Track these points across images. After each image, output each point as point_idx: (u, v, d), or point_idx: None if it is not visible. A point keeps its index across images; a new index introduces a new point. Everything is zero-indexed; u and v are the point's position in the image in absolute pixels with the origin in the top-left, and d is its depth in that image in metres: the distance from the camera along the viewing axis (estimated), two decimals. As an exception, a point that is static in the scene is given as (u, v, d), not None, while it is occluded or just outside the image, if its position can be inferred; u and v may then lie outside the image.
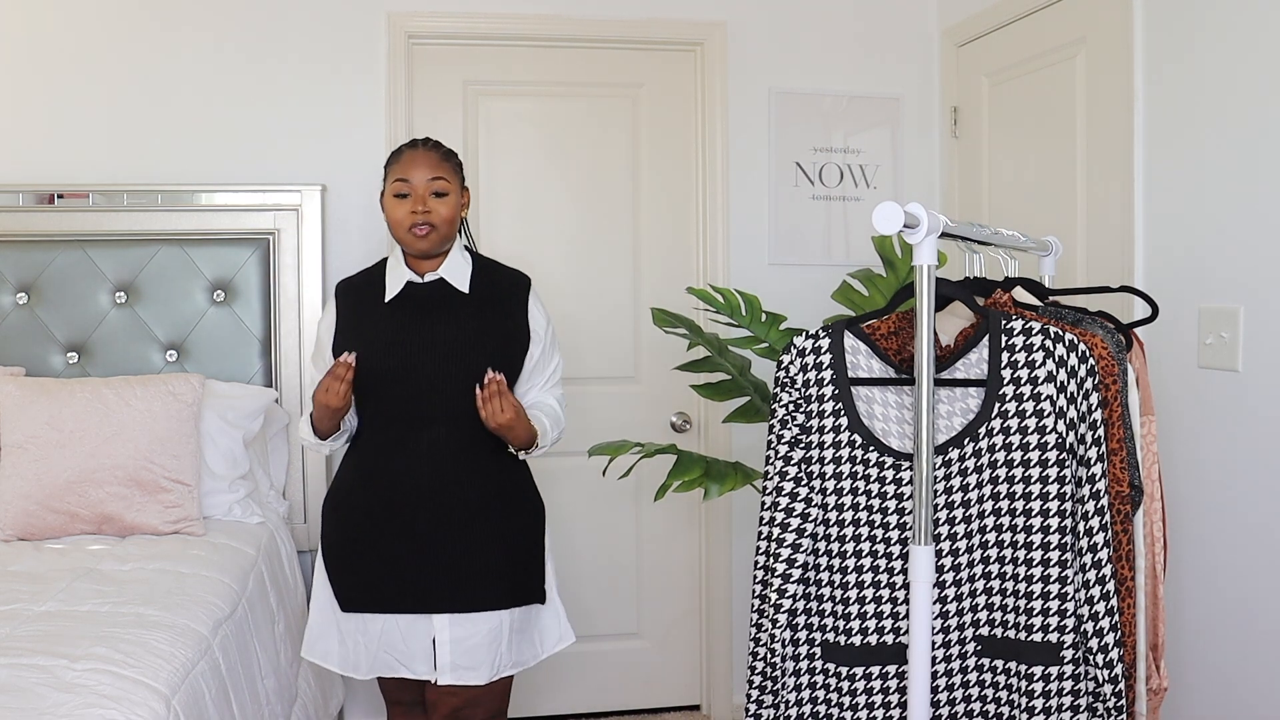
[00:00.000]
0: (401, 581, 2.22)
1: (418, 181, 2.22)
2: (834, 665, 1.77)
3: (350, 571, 2.26)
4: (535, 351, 2.32)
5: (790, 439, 1.79)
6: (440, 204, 2.23)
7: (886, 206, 1.53)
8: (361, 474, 2.28)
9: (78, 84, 3.16)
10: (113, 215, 3.09)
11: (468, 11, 3.32)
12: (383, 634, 2.25)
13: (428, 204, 2.22)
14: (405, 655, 2.25)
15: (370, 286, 2.31)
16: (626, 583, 3.50)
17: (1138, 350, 2.01)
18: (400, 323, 2.24)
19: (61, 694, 1.68)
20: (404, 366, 2.21)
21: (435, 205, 2.23)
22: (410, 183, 2.22)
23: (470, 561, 2.22)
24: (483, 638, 2.22)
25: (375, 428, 2.28)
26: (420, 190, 2.22)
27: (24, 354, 3.03)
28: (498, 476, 2.28)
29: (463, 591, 2.22)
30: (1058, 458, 1.67)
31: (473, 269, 2.31)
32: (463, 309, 2.26)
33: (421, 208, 2.21)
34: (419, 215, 2.21)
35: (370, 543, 2.24)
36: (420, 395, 2.22)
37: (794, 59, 3.48)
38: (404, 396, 2.22)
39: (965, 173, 3.41)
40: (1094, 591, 1.67)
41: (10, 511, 2.60)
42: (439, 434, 2.22)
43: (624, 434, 3.16)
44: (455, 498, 2.23)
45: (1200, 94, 2.42)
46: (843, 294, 2.91)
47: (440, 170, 2.24)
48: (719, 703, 3.50)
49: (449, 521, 2.22)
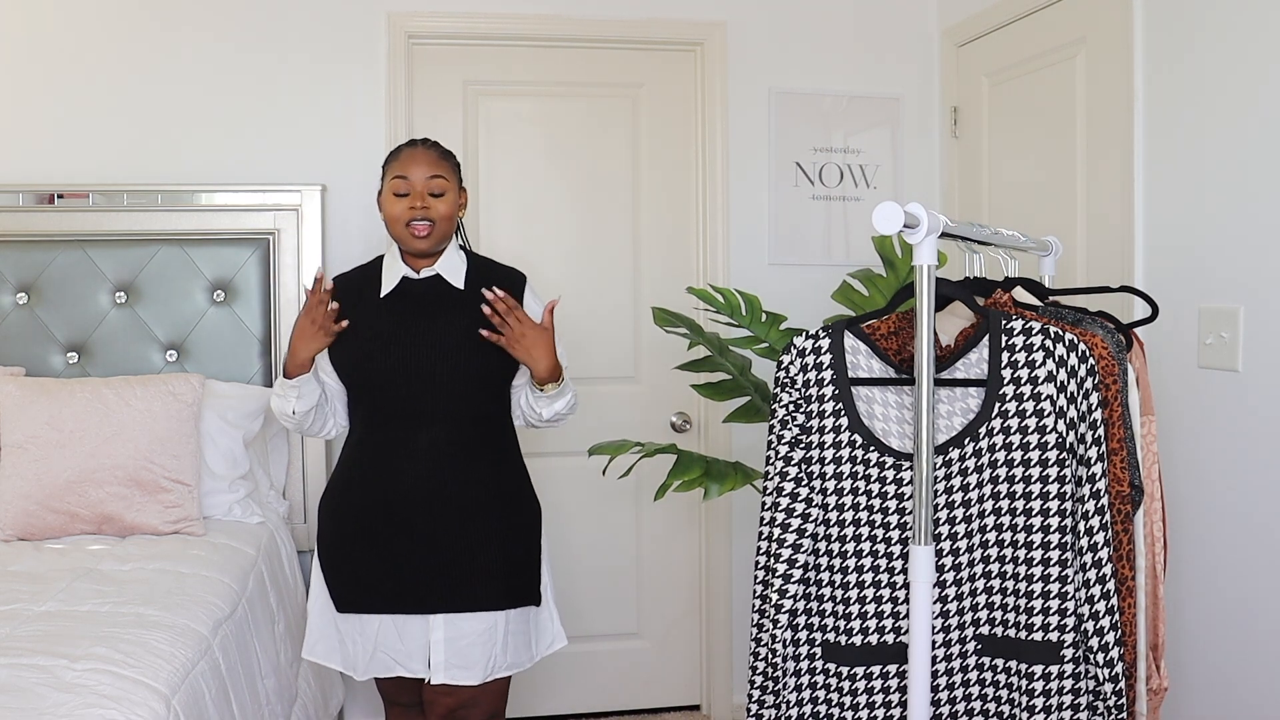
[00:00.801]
0: (397, 582, 2.22)
1: (416, 179, 2.23)
2: (834, 665, 1.78)
3: (346, 571, 2.26)
4: None
5: (790, 439, 1.79)
6: (438, 202, 2.24)
7: (886, 206, 1.53)
8: (357, 473, 2.28)
9: (78, 84, 3.16)
10: (113, 215, 3.09)
11: (468, 11, 3.32)
12: (379, 633, 2.25)
13: (426, 201, 2.23)
14: (401, 654, 2.25)
15: (366, 282, 2.31)
16: (626, 583, 3.50)
17: (1138, 350, 2.01)
18: (396, 319, 2.25)
19: (61, 694, 1.68)
20: (401, 363, 2.21)
21: (434, 203, 2.23)
22: (409, 180, 2.23)
23: (467, 562, 2.22)
24: (477, 638, 2.22)
25: (371, 426, 2.28)
26: (419, 188, 2.23)
27: (24, 354, 3.03)
28: (496, 477, 2.29)
29: (459, 592, 2.21)
30: (1058, 457, 1.67)
31: (468, 266, 2.32)
32: (458, 306, 2.26)
33: (420, 204, 2.22)
34: (417, 212, 2.22)
35: (367, 543, 2.24)
36: (417, 392, 2.22)
37: (794, 59, 3.48)
38: (400, 394, 2.22)
39: (965, 173, 3.41)
40: (1094, 590, 1.67)
41: (10, 511, 2.60)
42: (436, 433, 2.22)
43: (624, 434, 3.16)
44: (453, 498, 2.23)
45: (1200, 94, 2.42)
46: (843, 294, 2.91)
47: (439, 169, 2.25)
48: (719, 703, 3.50)
49: (446, 522, 2.22)
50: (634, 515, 3.48)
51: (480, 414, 2.28)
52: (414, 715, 2.42)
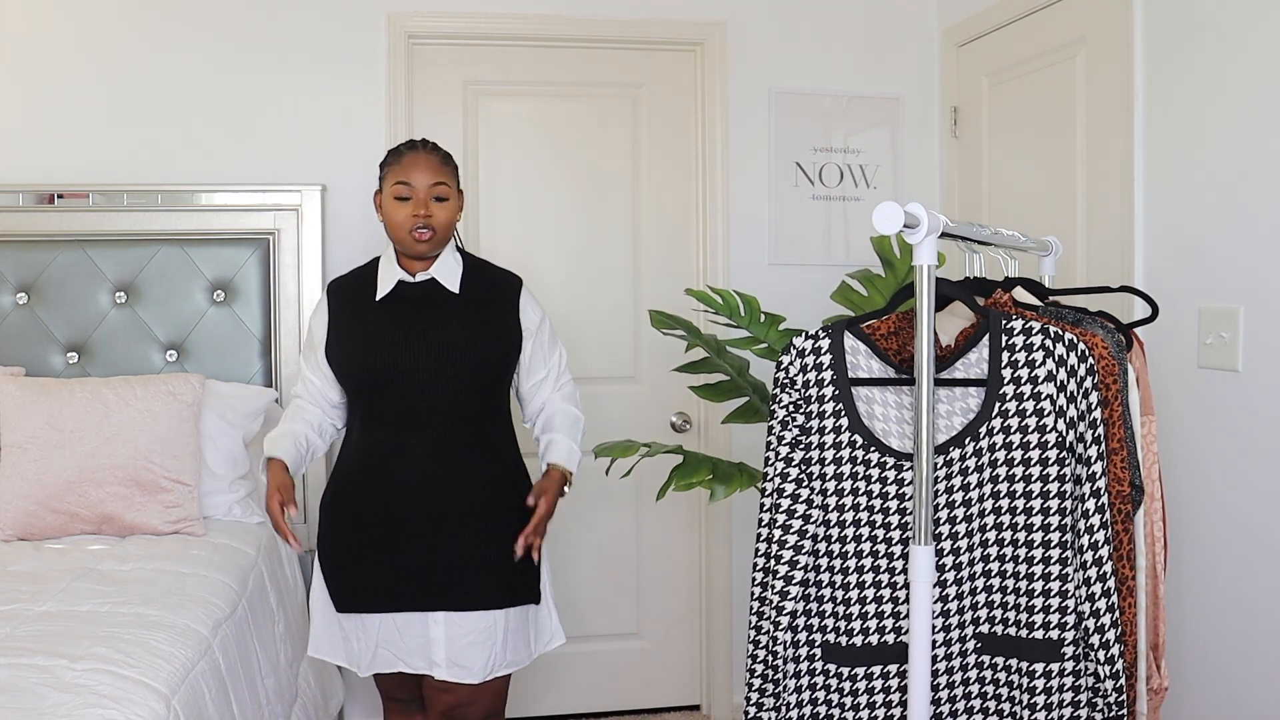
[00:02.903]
0: (397, 581, 2.23)
1: (420, 186, 2.23)
2: (834, 665, 1.77)
3: (346, 572, 2.27)
4: (529, 348, 2.35)
5: (790, 439, 1.79)
6: (440, 208, 2.25)
7: (886, 206, 1.53)
8: (356, 475, 2.28)
9: (78, 83, 3.16)
10: (113, 215, 3.09)
11: (468, 11, 3.32)
12: (380, 630, 2.26)
13: (430, 209, 2.23)
14: (403, 651, 2.26)
15: (362, 285, 2.32)
16: (626, 583, 3.49)
17: (1138, 350, 2.01)
18: (392, 322, 2.26)
19: (61, 694, 1.68)
20: (398, 367, 2.22)
21: (436, 209, 2.24)
22: (412, 186, 2.23)
23: (466, 562, 2.23)
24: (477, 636, 2.23)
25: (368, 429, 2.28)
26: (422, 194, 2.23)
27: (24, 354, 3.03)
28: (493, 477, 2.30)
29: (458, 590, 2.22)
30: (1058, 457, 1.67)
31: (464, 269, 2.33)
32: (454, 309, 2.27)
33: (424, 212, 2.22)
34: (421, 219, 2.22)
35: (366, 543, 2.25)
36: (413, 395, 2.23)
37: (794, 59, 3.48)
38: (397, 397, 2.23)
39: (965, 173, 3.41)
40: (1095, 589, 1.67)
41: (10, 511, 2.60)
42: (433, 434, 2.24)
43: (623, 434, 3.15)
44: (451, 498, 2.24)
45: (1200, 94, 2.42)
46: (842, 294, 2.90)
47: (442, 175, 2.26)
48: (719, 703, 3.50)
49: (444, 522, 2.23)
50: (634, 515, 3.48)
51: (476, 415, 2.29)
52: (413, 712, 2.43)
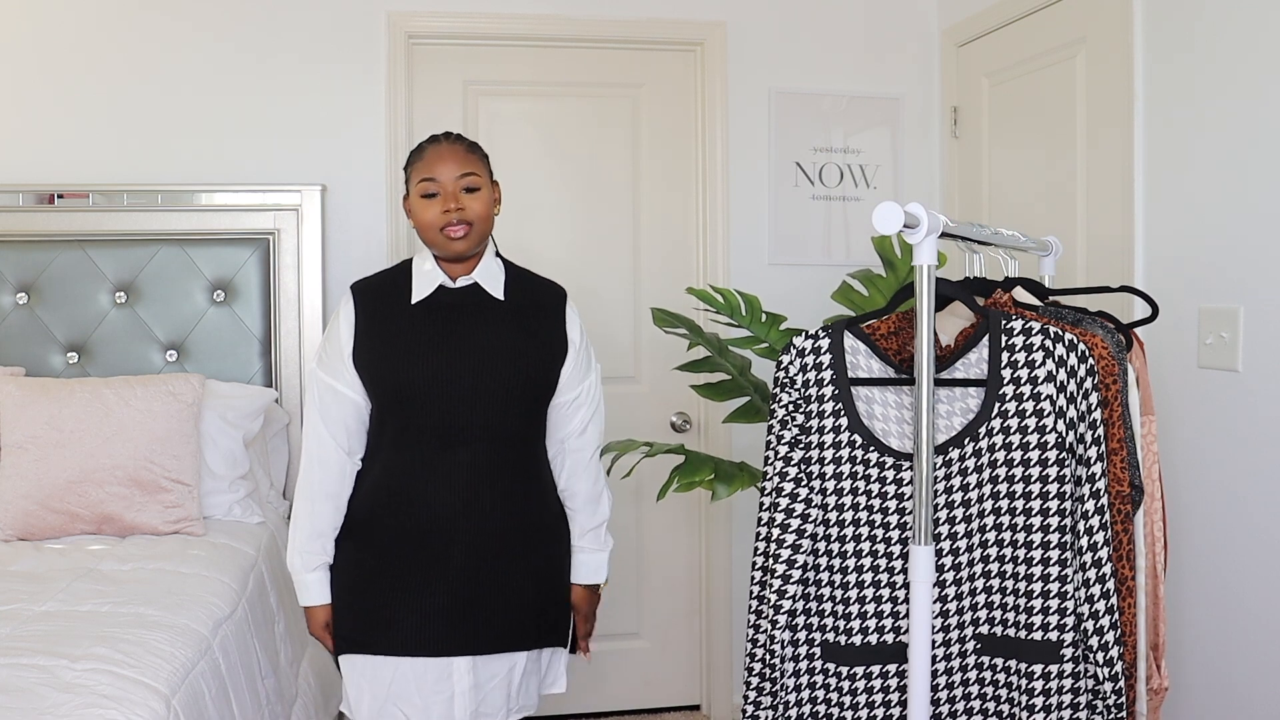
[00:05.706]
0: (425, 621, 2.01)
1: (446, 179, 2.02)
2: (834, 665, 1.77)
3: (359, 608, 2.05)
4: (570, 363, 2.15)
5: (790, 439, 1.79)
6: (473, 199, 2.03)
7: (886, 206, 1.53)
8: (383, 497, 2.06)
9: (78, 83, 3.16)
10: (113, 215, 3.09)
11: (468, 11, 3.33)
12: (394, 682, 2.04)
13: (460, 201, 2.02)
14: (415, 708, 2.04)
15: (394, 289, 2.09)
16: (626, 583, 3.49)
17: (1138, 350, 2.01)
18: (431, 330, 2.04)
19: (61, 694, 1.68)
20: (437, 377, 2.01)
21: (468, 201, 2.03)
22: (438, 181, 2.02)
23: (501, 597, 2.05)
24: (500, 681, 2.08)
25: (400, 446, 2.05)
26: (450, 188, 2.02)
27: (24, 354, 3.03)
28: (533, 504, 2.12)
29: (491, 630, 2.04)
30: (1058, 457, 1.67)
31: (506, 276, 2.14)
32: (498, 317, 2.08)
33: (454, 205, 2.01)
34: (452, 213, 2.01)
35: (390, 577, 2.04)
36: (454, 408, 2.02)
37: (794, 59, 3.48)
38: (435, 410, 2.02)
39: (965, 173, 3.41)
40: (1094, 590, 1.67)
41: (10, 511, 2.60)
42: (473, 454, 2.03)
43: (624, 434, 3.15)
44: (493, 526, 2.05)
45: (1200, 94, 2.42)
46: (842, 294, 2.90)
47: (469, 164, 2.05)
48: (719, 703, 3.50)
49: (483, 552, 2.04)
50: (634, 515, 3.48)
51: (518, 434, 2.09)
52: None
